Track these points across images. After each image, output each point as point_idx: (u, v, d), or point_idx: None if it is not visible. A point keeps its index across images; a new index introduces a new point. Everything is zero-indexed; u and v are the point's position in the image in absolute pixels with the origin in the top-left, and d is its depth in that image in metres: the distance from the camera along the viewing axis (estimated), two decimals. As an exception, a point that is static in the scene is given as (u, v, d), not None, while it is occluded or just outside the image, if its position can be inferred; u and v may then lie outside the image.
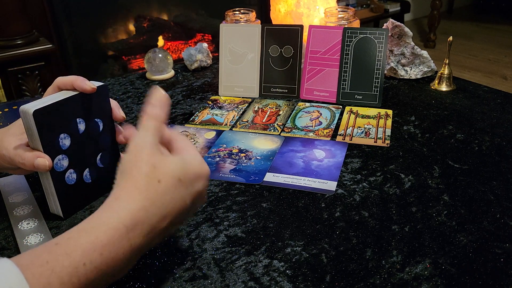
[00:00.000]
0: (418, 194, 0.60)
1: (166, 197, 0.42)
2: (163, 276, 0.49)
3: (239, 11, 0.97)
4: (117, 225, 0.40)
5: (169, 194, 0.43)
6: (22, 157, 0.53)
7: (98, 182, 0.60)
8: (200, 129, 0.81)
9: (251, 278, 0.48)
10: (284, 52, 0.89)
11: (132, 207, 0.41)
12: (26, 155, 0.52)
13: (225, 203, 0.60)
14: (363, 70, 0.85)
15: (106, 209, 0.41)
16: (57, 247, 0.38)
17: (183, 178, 0.44)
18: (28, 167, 0.53)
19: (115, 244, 0.39)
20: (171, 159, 0.45)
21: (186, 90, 0.97)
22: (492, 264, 0.49)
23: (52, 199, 0.56)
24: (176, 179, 0.43)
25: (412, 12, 3.65)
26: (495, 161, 0.67)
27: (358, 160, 0.69)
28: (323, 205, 0.59)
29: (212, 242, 0.54)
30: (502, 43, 3.34)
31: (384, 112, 0.83)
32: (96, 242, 0.39)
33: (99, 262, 0.38)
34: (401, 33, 0.92)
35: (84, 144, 0.56)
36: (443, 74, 0.91)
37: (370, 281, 0.47)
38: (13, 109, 0.85)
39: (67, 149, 0.54)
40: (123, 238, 0.40)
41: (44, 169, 0.52)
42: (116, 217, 0.40)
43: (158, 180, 0.42)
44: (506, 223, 0.54)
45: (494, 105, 0.84)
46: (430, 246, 0.51)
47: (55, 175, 0.54)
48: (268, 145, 0.74)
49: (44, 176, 0.54)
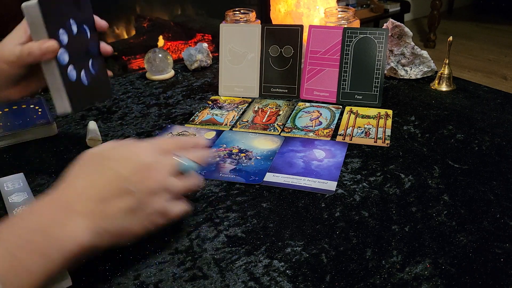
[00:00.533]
0: (418, 194, 0.60)
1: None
2: (163, 276, 0.49)
3: (239, 11, 0.97)
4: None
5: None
6: (29, 46, 0.56)
7: (92, 86, 0.64)
8: (200, 129, 0.81)
9: (251, 278, 0.48)
10: (284, 52, 0.89)
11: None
12: (33, 44, 0.56)
13: (225, 203, 0.60)
14: (363, 70, 0.85)
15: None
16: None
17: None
18: (36, 53, 0.55)
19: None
20: None
21: (186, 90, 0.97)
22: (492, 264, 0.49)
23: (59, 95, 0.58)
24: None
25: (412, 12, 3.65)
26: (495, 161, 0.67)
27: (358, 160, 0.69)
28: (323, 205, 0.59)
29: (212, 242, 0.54)
30: (502, 43, 3.34)
31: (384, 112, 0.83)
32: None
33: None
34: (401, 33, 0.92)
35: (77, 46, 0.61)
36: (443, 74, 0.91)
37: (370, 281, 0.47)
38: (13, 109, 0.85)
39: (66, 44, 0.58)
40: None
41: (53, 51, 0.55)
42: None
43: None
44: (506, 223, 0.54)
45: (494, 105, 0.84)
46: (430, 246, 0.51)
47: (61, 69, 0.58)
48: (268, 145, 0.74)
49: (50, 72, 0.57)
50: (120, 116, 0.87)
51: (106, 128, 0.82)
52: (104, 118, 0.86)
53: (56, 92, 0.58)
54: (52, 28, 0.56)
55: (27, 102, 0.88)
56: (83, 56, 0.63)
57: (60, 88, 0.58)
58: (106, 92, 0.69)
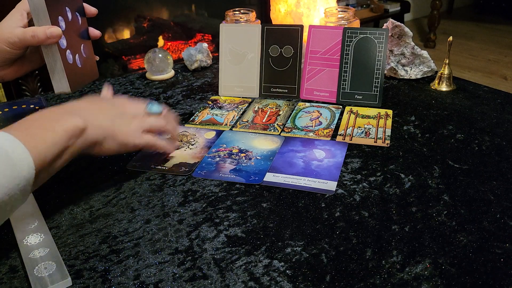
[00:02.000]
0: (418, 194, 0.60)
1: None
2: (163, 276, 0.49)
3: (239, 11, 0.97)
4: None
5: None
6: (33, 30, 0.62)
7: (84, 68, 0.72)
8: (200, 129, 0.81)
9: (251, 278, 0.48)
10: (284, 52, 0.89)
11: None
12: (36, 28, 0.62)
13: (225, 203, 0.60)
14: (363, 70, 0.85)
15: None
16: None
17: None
18: (41, 37, 0.62)
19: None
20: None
21: (186, 90, 0.97)
22: (492, 264, 0.49)
23: (59, 77, 0.65)
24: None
25: (412, 12, 3.65)
26: (495, 161, 0.67)
27: (358, 160, 0.69)
28: (323, 205, 0.59)
29: (212, 242, 0.54)
30: (502, 43, 3.34)
31: (384, 112, 0.83)
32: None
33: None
34: (401, 33, 0.92)
35: (72, 32, 0.68)
36: (443, 74, 0.91)
37: (370, 281, 0.47)
38: (13, 109, 0.85)
39: (64, 31, 0.64)
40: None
41: (57, 36, 0.62)
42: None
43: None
44: (506, 223, 0.54)
45: (494, 105, 0.84)
46: (430, 246, 0.51)
47: (61, 52, 0.64)
48: (268, 145, 0.74)
49: (51, 55, 0.64)
50: (120, 116, 0.87)
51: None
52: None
53: (56, 74, 0.65)
54: (53, 15, 0.62)
55: (27, 102, 0.88)
56: (77, 42, 0.70)
57: (60, 70, 0.65)
58: (94, 73, 0.77)
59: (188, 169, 0.68)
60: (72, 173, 0.68)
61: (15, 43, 0.64)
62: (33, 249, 0.52)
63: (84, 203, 0.61)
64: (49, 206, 0.61)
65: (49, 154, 0.51)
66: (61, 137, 0.53)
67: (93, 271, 0.50)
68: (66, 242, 0.54)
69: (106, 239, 0.55)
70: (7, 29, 0.64)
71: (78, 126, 0.55)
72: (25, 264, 0.50)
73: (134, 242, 0.54)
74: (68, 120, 0.55)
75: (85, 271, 0.50)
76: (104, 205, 0.61)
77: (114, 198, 0.62)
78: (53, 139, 0.53)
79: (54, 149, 0.52)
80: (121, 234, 0.56)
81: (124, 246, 0.54)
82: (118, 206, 0.61)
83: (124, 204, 0.61)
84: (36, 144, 0.50)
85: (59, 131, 0.54)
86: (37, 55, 0.71)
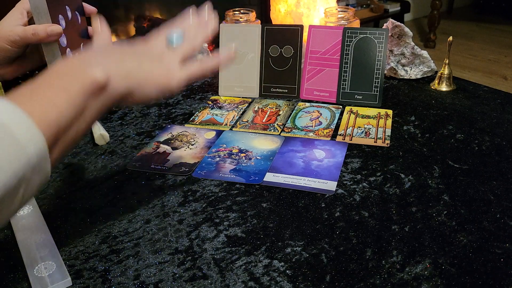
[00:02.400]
0: (418, 194, 0.60)
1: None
2: (163, 276, 0.49)
3: (239, 11, 0.97)
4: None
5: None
6: (34, 28, 0.61)
7: None
8: (200, 129, 0.81)
9: (251, 278, 0.48)
10: (284, 52, 0.89)
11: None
12: (37, 26, 0.61)
13: (225, 203, 0.60)
14: (363, 70, 0.85)
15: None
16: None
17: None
18: (41, 35, 0.61)
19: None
20: None
21: (186, 90, 0.97)
22: (492, 264, 0.49)
23: None
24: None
25: (412, 12, 3.65)
26: (495, 161, 0.67)
27: (358, 160, 0.69)
28: (323, 205, 0.59)
29: (212, 242, 0.54)
30: (502, 43, 3.34)
31: (384, 112, 0.83)
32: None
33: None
34: (401, 33, 0.92)
35: (72, 30, 0.67)
36: (443, 74, 0.91)
37: (370, 281, 0.47)
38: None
39: (64, 29, 0.64)
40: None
41: (57, 34, 0.61)
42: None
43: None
44: (506, 223, 0.54)
45: (494, 105, 0.84)
46: (430, 246, 0.51)
47: (61, 50, 0.64)
48: (268, 145, 0.74)
49: (52, 53, 0.63)
50: (120, 116, 0.87)
51: (106, 128, 0.82)
52: (104, 118, 0.86)
53: None
54: (54, 13, 0.62)
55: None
56: (77, 40, 0.70)
57: None
58: None
59: (188, 169, 0.68)
60: (72, 173, 0.68)
61: (16, 41, 0.64)
62: (33, 249, 0.52)
63: (84, 203, 0.61)
64: (49, 206, 0.61)
65: (63, 120, 0.44)
66: (76, 97, 0.45)
67: (93, 271, 0.50)
68: (66, 242, 0.54)
69: (106, 239, 0.55)
70: (8, 27, 0.64)
71: (97, 79, 0.47)
72: (25, 264, 0.50)
73: (134, 242, 0.54)
74: (84, 73, 0.47)
75: (85, 271, 0.50)
76: (104, 205, 0.61)
77: (114, 198, 0.62)
78: (67, 101, 0.44)
79: (69, 113, 0.44)
80: (121, 234, 0.56)
81: (124, 246, 0.54)
82: (118, 206, 0.61)
83: (124, 204, 0.61)
84: (44, 110, 0.43)
85: (73, 90, 0.45)
86: (37, 53, 0.71)
